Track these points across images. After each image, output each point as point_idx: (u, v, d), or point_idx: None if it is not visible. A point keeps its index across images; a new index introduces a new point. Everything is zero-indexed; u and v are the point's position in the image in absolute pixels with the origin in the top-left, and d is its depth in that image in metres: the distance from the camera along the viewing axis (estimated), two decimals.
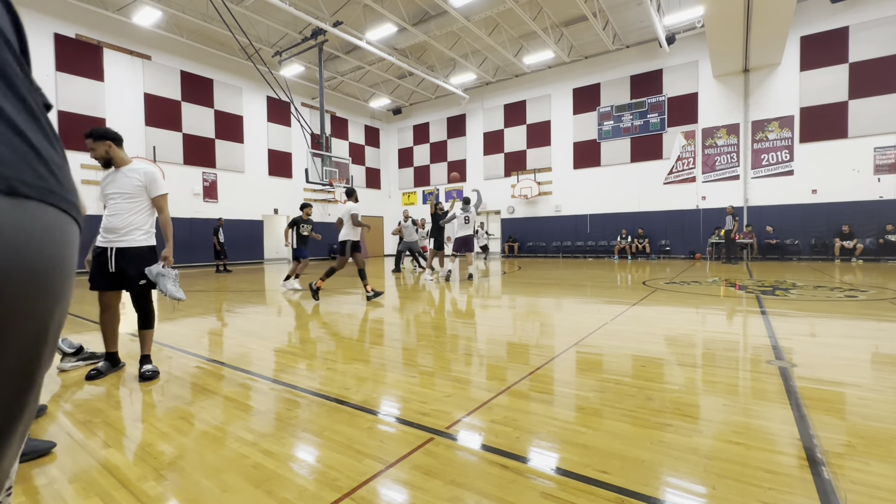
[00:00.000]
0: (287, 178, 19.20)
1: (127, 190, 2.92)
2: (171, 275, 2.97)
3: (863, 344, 3.54)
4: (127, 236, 2.91)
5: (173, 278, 2.98)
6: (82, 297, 7.48)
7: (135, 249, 2.92)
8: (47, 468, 1.78)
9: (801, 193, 14.15)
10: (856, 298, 5.90)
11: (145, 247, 2.97)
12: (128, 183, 2.93)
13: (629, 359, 3.21)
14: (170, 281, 2.94)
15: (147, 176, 2.97)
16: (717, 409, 2.25)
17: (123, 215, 2.91)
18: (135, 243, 2.93)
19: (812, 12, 13.74)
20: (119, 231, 2.90)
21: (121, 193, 2.92)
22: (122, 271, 2.90)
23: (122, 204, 2.91)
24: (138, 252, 2.93)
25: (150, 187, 2.97)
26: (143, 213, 2.98)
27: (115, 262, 2.89)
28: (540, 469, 1.70)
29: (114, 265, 2.89)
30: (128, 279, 2.92)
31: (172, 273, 2.99)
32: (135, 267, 2.91)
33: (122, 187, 2.92)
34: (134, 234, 2.93)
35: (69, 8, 12.88)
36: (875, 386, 2.54)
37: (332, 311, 5.74)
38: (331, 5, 13.94)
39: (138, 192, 2.94)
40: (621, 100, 17.24)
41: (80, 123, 13.03)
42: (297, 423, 2.18)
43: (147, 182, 2.96)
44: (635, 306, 5.55)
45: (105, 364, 3.03)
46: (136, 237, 2.94)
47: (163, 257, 3.00)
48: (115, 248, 2.89)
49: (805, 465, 1.68)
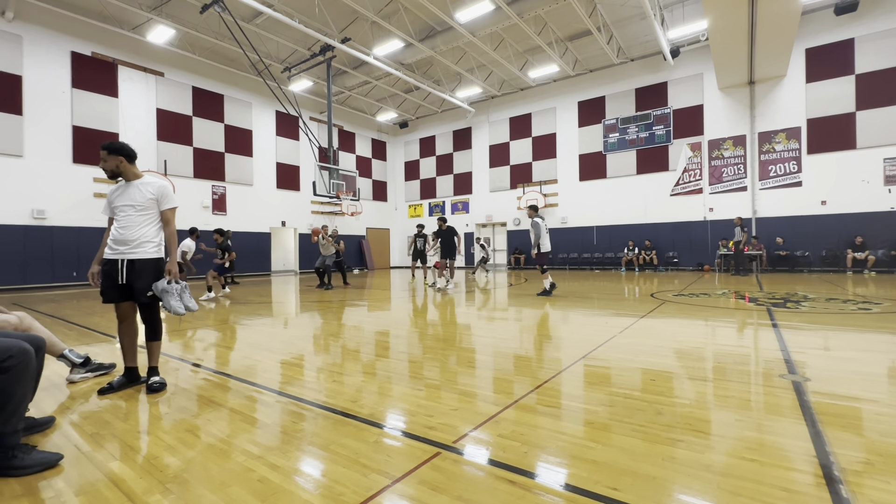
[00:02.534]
0: (295, 191, 19.41)
1: (139, 202, 2.94)
2: (176, 290, 2.97)
3: (878, 358, 3.46)
4: (137, 249, 2.93)
5: (178, 293, 2.98)
6: (91, 308, 7.56)
7: (144, 262, 2.94)
8: (54, 481, 1.78)
9: (811, 205, 14.01)
10: (869, 311, 5.79)
11: (154, 259, 2.99)
12: (140, 195, 2.96)
13: (638, 372, 3.17)
14: (173, 297, 2.94)
15: (159, 189, 3.00)
16: (730, 424, 2.21)
17: (134, 227, 2.93)
18: (145, 255, 2.95)
19: (817, 24, 13.78)
20: (130, 243, 2.92)
21: (132, 206, 2.94)
22: (130, 283, 2.92)
23: (133, 216, 2.94)
24: (147, 265, 2.95)
25: (161, 200, 3.01)
26: (153, 225, 3.01)
27: (125, 275, 2.91)
28: (548, 485, 1.67)
29: (124, 277, 2.91)
30: (135, 291, 2.93)
31: (177, 287, 3.00)
32: (143, 280, 2.92)
33: (133, 199, 2.95)
34: (145, 247, 2.95)
35: (86, 27, 13.28)
36: (893, 401, 2.48)
37: (338, 323, 5.74)
38: (339, 22, 14.24)
39: (150, 205, 2.98)
40: (626, 112, 17.30)
41: (94, 138, 13.32)
42: (303, 436, 2.17)
43: (158, 195, 3.00)
44: (643, 319, 5.49)
45: (120, 379, 2.99)
46: (147, 249, 2.96)
47: (167, 272, 2.99)
48: (125, 259, 2.92)
49: (822, 483, 1.63)
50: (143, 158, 14.44)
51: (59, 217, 12.58)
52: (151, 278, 2.96)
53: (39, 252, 12.34)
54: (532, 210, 8.62)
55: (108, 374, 3.34)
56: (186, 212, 15.44)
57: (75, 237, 12.87)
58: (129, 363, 3.04)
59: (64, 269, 12.70)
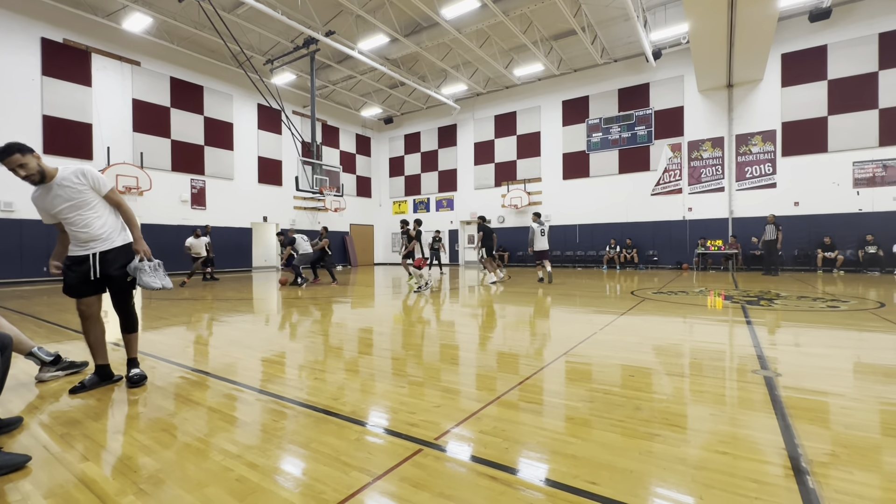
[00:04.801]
0: (277, 186, 19.10)
1: (76, 199, 2.72)
2: (148, 267, 2.92)
3: (845, 353, 3.61)
4: (108, 239, 2.86)
5: (151, 270, 2.93)
6: (62, 305, 7.31)
7: (116, 250, 2.88)
8: (21, 483, 1.72)
9: (784, 206, 14.47)
10: (838, 309, 6.02)
11: (125, 245, 2.93)
12: (72, 192, 2.72)
13: (618, 368, 3.22)
14: (146, 274, 2.89)
15: (86, 177, 2.76)
16: (705, 418, 2.27)
17: (94, 223, 2.80)
18: (115, 244, 2.88)
19: (792, 30, 14.20)
20: (99, 238, 2.83)
21: (72, 205, 2.72)
22: (106, 273, 2.84)
23: (84, 213, 2.76)
24: (119, 251, 2.89)
25: (96, 186, 2.80)
26: (109, 212, 2.90)
27: (98, 267, 2.83)
28: (529, 480, 1.69)
29: (97, 271, 2.82)
30: (112, 279, 2.86)
31: (150, 265, 2.94)
32: (118, 267, 2.86)
33: (69, 199, 2.71)
34: (113, 236, 2.88)
35: (57, 13, 12.76)
36: (857, 395, 2.59)
37: (320, 321, 5.68)
38: (323, 15, 14.02)
39: (91, 197, 2.78)
40: (609, 112, 17.54)
41: (66, 128, 12.85)
42: (284, 434, 2.14)
43: (91, 182, 2.77)
44: (624, 316, 5.59)
45: (92, 378, 2.89)
46: (116, 237, 2.89)
47: (135, 251, 2.92)
48: (97, 252, 2.83)
49: (790, 474, 1.69)
50: (119, 150, 14.01)
51: (28, 210, 12.09)
52: (125, 261, 2.90)
53: (7, 246, 11.87)
54: (534, 216, 11.08)
55: (80, 373, 3.24)
56: (165, 206, 15.05)
57: (46, 230, 12.35)
58: (99, 361, 2.95)
59: (33, 263, 12.23)
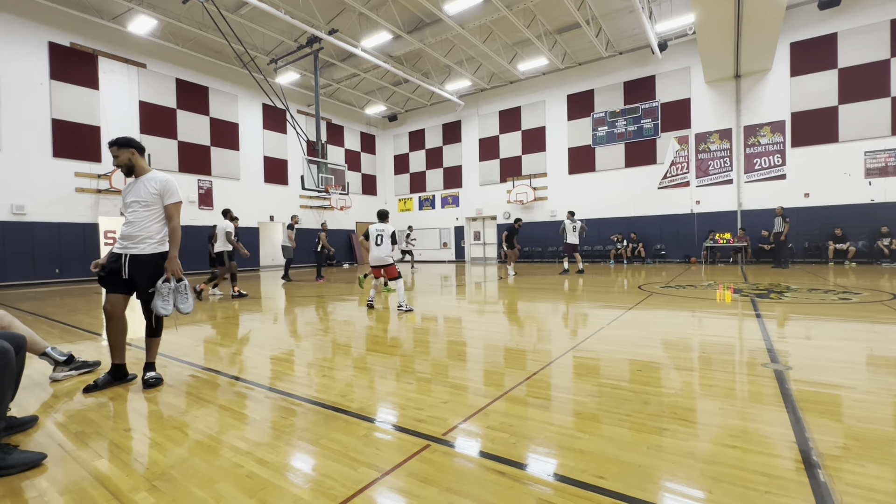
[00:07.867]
0: (283, 185, 19.18)
1: (143, 198, 2.96)
2: (166, 290, 2.92)
3: (857, 346, 3.56)
4: (140, 244, 2.92)
5: (167, 293, 2.92)
6: (74, 305, 7.42)
7: (146, 257, 2.93)
8: (37, 480, 1.75)
9: (794, 197, 14.26)
10: (849, 301, 5.94)
11: (156, 254, 2.97)
12: (145, 191, 2.97)
13: (626, 363, 3.21)
14: (161, 297, 2.90)
15: (162, 184, 3.00)
16: (714, 412, 2.25)
17: (140, 223, 2.94)
18: (146, 251, 2.93)
19: (801, 19, 13.95)
20: (134, 238, 2.92)
21: (138, 202, 2.96)
22: (132, 278, 2.91)
23: (139, 212, 2.96)
24: (148, 260, 2.93)
25: (164, 195, 3.00)
26: (158, 221, 3.00)
27: (128, 269, 2.89)
28: (537, 475, 1.69)
29: (127, 272, 2.89)
30: (138, 286, 2.94)
31: (171, 286, 2.94)
32: (144, 275, 2.91)
33: (139, 195, 2.97)
34: (146, 243, 2.94)
35: (64, 17, 12.87)
36: (870, 388, 2.55)
37: (327, 319, 5.71)
38: (326, 14, 14.02)
39: (154, 200, 2.98)
40: (615, 106, 17.38)
41: (74, 131, 12.99)
42: (293, 431, 2.16)
43: (162, 190, 2.99)
44: (631, 310, 5.56)
45: (105, 377, 2.94)
46: (149, 245, 2.94)
47: (166, 269, 2.95)
48: (128, 255, 2.90)
49: (801, 468, 1.68)
50: None
51: (39, 212, 12.26)
52: (152, 273, 2.94)
53: (19, 248, 12.03)
54: (569, 214, 12.28)
55: (93, 372, 3.29)
56: None
57: (57, 233, 12.58)
58: (116, 360, 2.99)
59: (45, 265, 12.41)
